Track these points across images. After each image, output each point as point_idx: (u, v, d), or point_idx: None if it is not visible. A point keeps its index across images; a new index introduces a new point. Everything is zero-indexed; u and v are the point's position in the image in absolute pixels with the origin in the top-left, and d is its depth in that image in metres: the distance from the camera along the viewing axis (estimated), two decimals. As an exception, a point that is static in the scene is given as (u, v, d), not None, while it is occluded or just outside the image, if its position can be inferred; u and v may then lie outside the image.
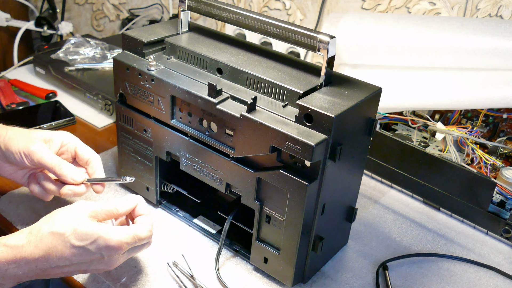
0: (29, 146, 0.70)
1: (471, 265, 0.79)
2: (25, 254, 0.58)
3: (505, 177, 0.83)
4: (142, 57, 0.74)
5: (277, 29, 0.65)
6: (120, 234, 0.61)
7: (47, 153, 0.70)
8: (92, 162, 0.74)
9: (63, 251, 0.58)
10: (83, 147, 0.75)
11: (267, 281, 0.72)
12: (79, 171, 0.72)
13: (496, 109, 0.91)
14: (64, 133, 0.75)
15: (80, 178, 0.71)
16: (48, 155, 0.70)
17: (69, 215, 0.60)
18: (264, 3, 1.29)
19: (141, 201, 0.67)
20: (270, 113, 0.63)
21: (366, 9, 1.13)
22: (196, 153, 0.72)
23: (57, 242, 0.58)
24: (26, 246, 0.58)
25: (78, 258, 0.59)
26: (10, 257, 0.57)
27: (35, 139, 0.71)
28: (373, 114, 0.68)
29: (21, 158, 0.70)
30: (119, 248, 0.60)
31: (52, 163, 0.70)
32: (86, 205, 0.62)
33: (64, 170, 0.70)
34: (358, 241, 0.81)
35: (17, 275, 0.58)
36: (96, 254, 0.60)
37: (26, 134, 0.72)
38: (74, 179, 0.71)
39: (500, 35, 0.79)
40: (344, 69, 0.94)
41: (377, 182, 0.96)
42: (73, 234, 0.58)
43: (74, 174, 0.71)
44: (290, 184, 0.62)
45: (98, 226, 0.60)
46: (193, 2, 0.73)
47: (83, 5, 1.72)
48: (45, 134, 0.73)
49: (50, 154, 0.70)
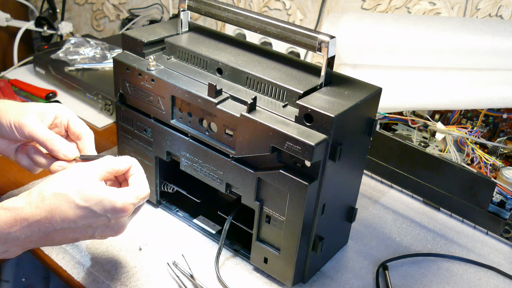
0: (21, 119, 0.67)
1: (471, 265, 0.79)
2: (25, 215, 0.55)
3: (505, 177, 0.83)
4: (142, 57, 0.74)
5: (277, 29, 0.65)
6: (125, 195, 0.58)
7: (39, 127, 0.68)
8: (84, 137, 0.71)
9: (67, 212, 0.56)
10: (76, 121, 0.72)
11: (267, 281, 0.72)
12: (71, 147, 0.69)
13: (496, 109, 0.91)
14: (58, 105, 0.72)
15: (72, 155, 0.68)
16: (39, 128, 0.67)
17: (71, 176, 0.58)
18: (264, 3, 1.29)
19: (135, 162, 0.64)
20: (270, 113, 0.63)
21: (366, 9, 1.13)
22: (196, 153, 0.72)
23: (60, 203, 0.56)
24: (26, 208, 0.56)
25: (83, 221, 0.57)
26: (9, 220, 0.55)
27: (27, 112, 0.68)
28: (373, 114, 0.68)
29: (12, 131, 0.67)
30: (125, 209, 0.58)
31: (43, 137, 0.67)
32: (87, 166, 0.60)
33: (56, 145, 0.67)
34: (358, 241, 0.81)
35: (20, 239, 0.56)
36: (102, 217, 0.57)
37: (18, 107, 0.69)
38: (66, 155, 0.68)
39: (500, 35, 0.79)
40: (344, 69, 0.94)
41: (377, 182, 0.96)
42: (77, 194, 0.56)
43: (66, 149, 0.68)
44: (290, 184, 0.62)
45: (102, 187, 0.58)
46: (193, 2, 0.73)
47: (83, 5, 1.72)
48: (38, 107, 0.70)
49: (42, 127, 0.68)
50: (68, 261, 0.72)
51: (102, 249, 0.74)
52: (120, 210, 0.58)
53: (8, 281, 1.16)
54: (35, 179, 0.87)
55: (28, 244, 0.58)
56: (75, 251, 0.73)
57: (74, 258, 0.72)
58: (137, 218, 0.80)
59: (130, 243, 0.75)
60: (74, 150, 0.69)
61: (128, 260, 0.72)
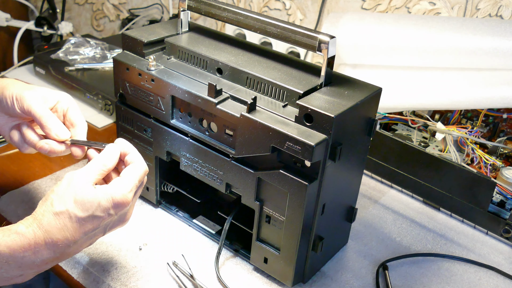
0: (24, 92, 0.68)
1: (471, 265, 0.79)
2: (39, 239, 0.56)
3: (505, 177, 0.83)
4: (142, 57, 0.74)
5: (277, 29, 0.65)
6: (120, 187, 0.59)
7: (38, 103, 0.68)
8: (78, 127, 0.71)
9: (74, 227, 0.57)
10: (75, 111, 0.72)
11: (267, 281, 0.72)
12: (64, 129, 0.69)
13: (496, 109, 0.91)
14: (62, 93, 0.73)
15: (63, 136, 0.68)
16: (38, 105, 0.68)
17: (64, 191, 0.58)
18: (264, 3, 1.29)
19: (123, 143, 0.64)
20: (270, 113, 0.63)
21: (366, 9, 1.13)
22: (196, 153, 0.72)
23: (64, 221, 0.57)
24: (37, 232, 0.56)
25: (91, 227, 0.58)
26: (23, 244, 0.56)
27: (32, 88, 0.69)
28: (373, 114, 0.68)
29: (12, 103, 0.68)
30: (125, 201, 0.59)
31: (40, 113, 0.67)
32: (76, 174, 0.60)
33: (50, 123, 0.68)
34: (358, 241, 0.81)
35: (36, 263, 0.57)
36: (106, 217, 0.58)
37: (25, 85, 0.70)
38: (58, 134, 0.68)
39: (500, 35, 0.79)
40: (344, 69, 0.94)
41: (377, 182, 0.96)
42: (75, 207, 0.57)
43: (59, 130, 0.68)
44: (290, 184, 0.62)
45: (95, 190, 0.58)
46: (193, 2, 0.73)
47: (83, 5, 1.72)
48: (43, 90, 0.71)
49: (41, 105, 0.68)
50: (68, 261, 0.72)
51: (102, 249, 0.74)
52: (120, 204, 0.58)
53: (8, 281, 1.16)
54: (35, 179, 0.87)
55: (43, 266, 0.58)
56: (75, 251, 0.73)
57: (74, 258, 0.72)
58: (137, 218, 0.81)
59: (130, 243, 0.75)
60: (67, 133, 0.69)
61: (128, 260, 0.72)
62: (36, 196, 0.83)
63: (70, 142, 0.69)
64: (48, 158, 0.93)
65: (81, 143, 0.69)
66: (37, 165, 0.91)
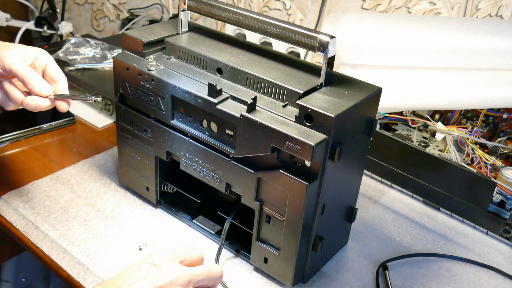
0: (2, 51, 0.69)
1: (471, 265, 0.79)
2: None
3: (505, 177, 0.83)
4: (142, 57, 0.74)
5: (277, 29, 0.65)
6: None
7: (19, 61, 0.69)
8: (59, 81, 0.73)
9: None
10: (54, 66, 0.73)
11: (267, 281, 0.72)
12: (47, 85, 0.71)
13: (496, 109, 0.91)
14: (38, 49, 0.74)
15: (47, 91, 0.70)
16: (18, 62, 0.69)
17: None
18: (264, 3, 1.29)
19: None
20: (270, 113, 0.63)
21: (366, 9, 1.13)
22: (196, 153, 0.72)
23: None
24: None
25: None
26: None
27: (9, 47, 0.71)
28: (373, 114, 0.68)
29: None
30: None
31: (22, 71, 0.69)
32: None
33: (33, 79, 0.69)
34: (358, 241, 0.81)
35: None
36: None
37: (1, 43, 0.71)
38: (41, 90, 0.70)
39: (500, 35, 0.79)
40: (344, 69, 0.94)
41: (377, 182, 0.96)
42: None
43: (42, 85, 0.70)
44: (290, 184, 0.62)
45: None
46: (193, 2, 0.73)
47: (83, 5, 1.72)
48: (20, 47, 0.72)
49: (21, 62, 0.70)
50: (68, 261, 0.72)
51: (102, 249, 0.74)
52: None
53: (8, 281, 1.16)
54: (35, 179, 0.87)
55: None
56: (75, 251, 0.73)
57: (74, 258, 0.72)
58: (137, 218, 0.81)
59: (130, 243, 0.75)
60: (50, 88, 0.71)
61: (128, 260, 0.72)
62: (36, 196, 0.83)
63: (53, 97, 0.71)
64: (48, 158, 0.93)
65: (64, 97, 0.71)
66: (37, 165, 0.91)
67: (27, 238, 0.76)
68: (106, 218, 0.80)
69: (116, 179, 0.89)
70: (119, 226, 0.78)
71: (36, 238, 0.75)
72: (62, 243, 0.74)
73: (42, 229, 0.76)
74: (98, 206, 0.82)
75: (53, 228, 0.77)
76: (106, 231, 0.77)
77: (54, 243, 0.74)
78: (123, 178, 0.86)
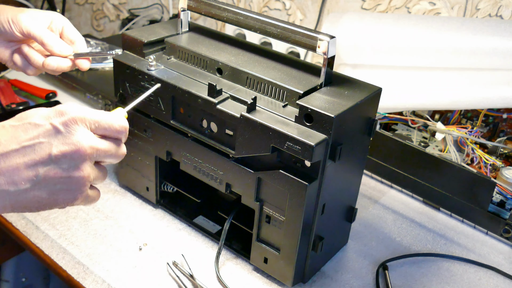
0: (18, 14, 0.69)
1: (471, 265, 0.79)
2: None
3: (505, 177, 0.83)
4: (142, 57, 0.74)
5: (277, 29, 0.65)
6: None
7: (36, 24, 0.69)
8: (77, 42, 0.73)
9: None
10: (70, 27, 0.73)
11: (267, 281, 0.72)
12: (66, 45, 0.71)
13: (496, 109, 0.91)
14: (53, 12, 0.74)
15: (67, 51, 0.70)
16: (36, 25, 0.69)
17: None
18: (264, 3, 1.29)
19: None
20: (270, 113, 0.63)
21: (366, 9, 1.13)
22: (196, 153, 0.72)
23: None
24: None
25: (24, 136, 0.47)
26: None
27: (24, 10, 0.70)
28: (373, 114, 0.68)
29: (10, 27, 0.69)
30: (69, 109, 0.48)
31: (40, 33, 0.69)
32: None
33: (51, 40, 0.69)
34: (358, 241, 0.81)
35: None
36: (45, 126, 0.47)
37: (16, 8, 0.71)
38: (61, 50, 0.70)
39: (500, 35, 0.79)
40: (344, 69, 0.94)
41: (377, 182, 0.96)
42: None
43: (61, 46, 0.70)
44: (290, 184, 0.62)
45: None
46: (193, 2, 0.73)
47: (83, 5, 1.72)
48: (35, 11, 0.72)
49: (38, 24, 0.70)
50: (68, 261, 0.72)
51: (102, 249, 0.74)
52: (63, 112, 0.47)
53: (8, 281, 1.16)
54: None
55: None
56: (75, 251, 0.73)
57: (74, 258, 0.72)
58: (137, 218, 0.81)
59: (130, 243, 0.75)
60: (69, 47, 0.71)
61: (128, 260, 0.72)
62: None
63: (73, 56, 0.71)
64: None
65: (84, 55, 0.72)
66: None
67: (27, 238, 0.76)
68: (106, 218, 0.80)
69: (116, 179, 0.89)
70: (119, 226, 0.78)
71: (36, 238, 0.75)
72: (62, 243, 0.74)
73: (42, 229, 0.76)
74: (98, 206, 0.82)
75: (53, 228, 0.77)
76: (106, 231, 0.77)
77: (54, 243, 0.74)
78: (123, 178, 0.86)
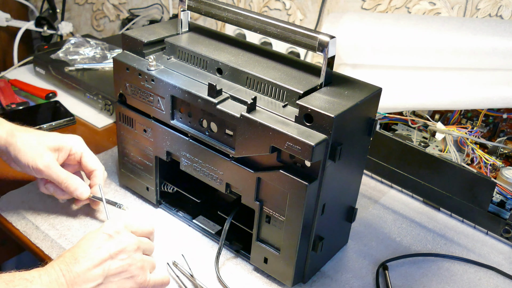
0: (37, 163, 0.73)
1: (471, 265, 0.79)
2: None
3: (505, 177, 0.83)
4: (142, 57, 0.74)
5: (277, 29, 0.65)
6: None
7: (54, 169, 0.74)
8: (96, 172, 0.78)
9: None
10: (89, 157, 0.78)
11: (267, 281, 0.72)
12: (84, 187, 0.76)
13: (496, 109, 0.91)
14: (73, 140, 0.78)
15: (85, 195, 0.76)
16: (55, 171, 0.74)
17: None
18: (264, 3, 1.29)
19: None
20: (270, 113, 0.63)
21: (366, 9, 1.13)
22: (196, 153, 0.72)
23: None
24: None
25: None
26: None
27: (43, 152, 0.74)
28: (373, 114, 0.68)
29: (31, 171, 0.75)
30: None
31: (59, 179, 0.74)
32: None
33: (71, 185, 0.75)
34: (358, 241, 0.81)
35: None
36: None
37: (35, 146, 0.74)
38: (79, 196, 0.75)
39: (500, 35, 0.79)
40: (344, 69, 0.94)
41: (377, 182, 0.96)
42: None
43: (80, 190, 0.75)
44: (290, 184, 0.62)
45: None
46: (193, 2, 0.73)
47: (83, 5, 1.72)
48: (54, 142, 0.76)
49: (57, 169, 0.74)
50: (68, 261, 0.72)
51: (102, 249, 0.74)
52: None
53: (8, 281, 1.16)
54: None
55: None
56: (75, 251, 0.73)
57: (74, 258, 0.72)
58: (137, 218, 0.80)
59: (130, 243, 0.75)
60: (87, 190, 0.76)
61: (128, 260, 0.72)
62: (36, 196, 0.83)
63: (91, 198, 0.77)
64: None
65: (98, 199, 0.77)
66: (37, 165, 0.91)
67: (27, 238, 0.76)
68: (106, 218, 0.80)
69: (116, 179, 0.89)
70: (119, 226, 0.78)
71: (36, 238, 0.75)
72: (62, 243, 0.74)
73: (42, 229, 0.76)
74: (98, 206, 0.82)
75: (53, 228, 0.77)
76: (106, 231, 0.77)
77: (54, 243, 0.74)
78: (123, 179, 0.86)
